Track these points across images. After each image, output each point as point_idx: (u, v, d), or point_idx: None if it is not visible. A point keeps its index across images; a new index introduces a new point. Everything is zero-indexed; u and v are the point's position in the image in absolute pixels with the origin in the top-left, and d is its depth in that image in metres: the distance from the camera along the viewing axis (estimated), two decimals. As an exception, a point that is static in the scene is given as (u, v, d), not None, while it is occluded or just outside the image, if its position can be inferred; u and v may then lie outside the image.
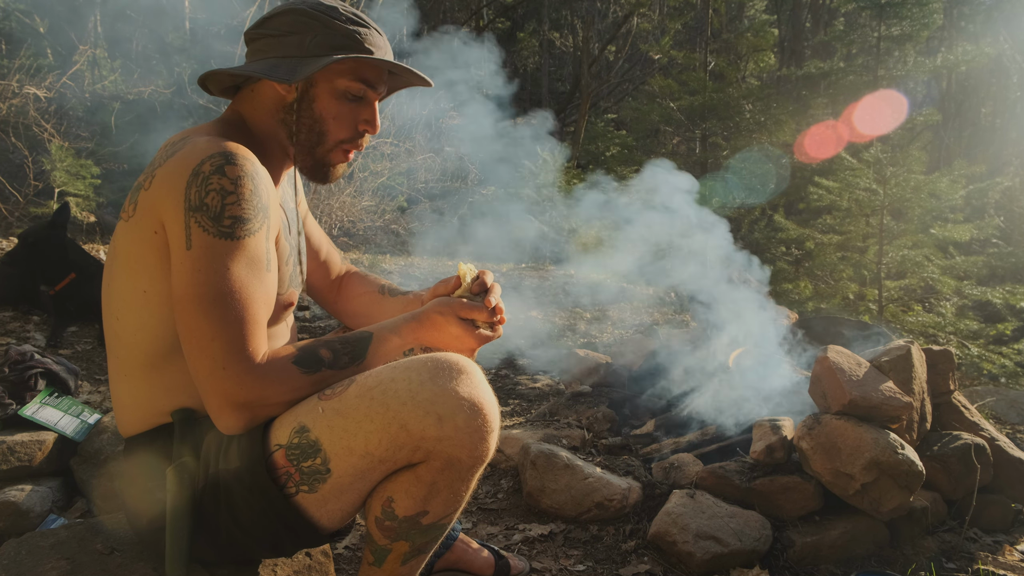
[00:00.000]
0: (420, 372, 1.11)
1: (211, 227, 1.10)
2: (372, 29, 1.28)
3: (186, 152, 1.13)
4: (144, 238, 1.15)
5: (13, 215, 5.19)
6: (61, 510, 2.04)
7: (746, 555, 1.83)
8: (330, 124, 1.27)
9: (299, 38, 1.23)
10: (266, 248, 1.16)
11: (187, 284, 1.10)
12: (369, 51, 1.25)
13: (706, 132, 8.89)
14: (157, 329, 1.18)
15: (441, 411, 1.08)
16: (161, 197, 1.12)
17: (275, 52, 1.24)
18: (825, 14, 13.68)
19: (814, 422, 2.01)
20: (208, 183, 1.10)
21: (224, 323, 1.09)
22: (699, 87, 8.70)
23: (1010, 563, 1.97)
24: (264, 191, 1.16)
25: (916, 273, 5.10)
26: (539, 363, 3.90)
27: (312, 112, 1.26)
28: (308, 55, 1.22)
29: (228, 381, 1.09)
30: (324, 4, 1.26)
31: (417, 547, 1.21)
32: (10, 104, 5.39)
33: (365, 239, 7.29)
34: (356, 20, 1.26)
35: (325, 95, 1.26)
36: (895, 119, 6.92)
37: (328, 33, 1.23)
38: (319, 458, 1.11)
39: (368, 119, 1.30)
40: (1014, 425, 3.20)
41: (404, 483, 1.13)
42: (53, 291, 3.38)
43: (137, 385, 1.23)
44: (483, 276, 1.35)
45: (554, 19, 18.45)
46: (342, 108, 1.27)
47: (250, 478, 1.14)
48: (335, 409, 1.11)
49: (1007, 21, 11.89)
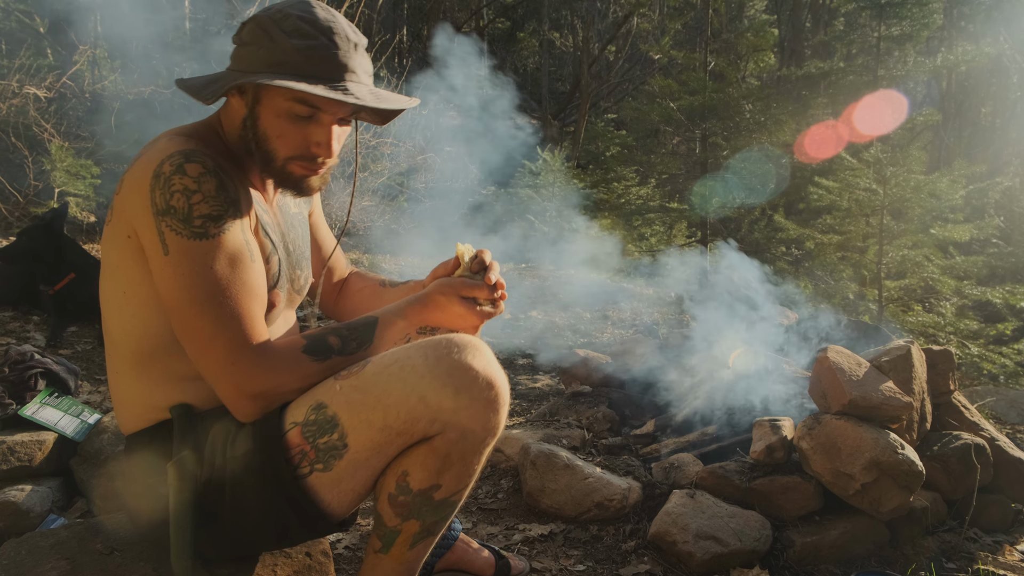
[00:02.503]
0: (436, 348, 1.14)
1: (183, 230, 1.10)
2: (333, 44, 1.15)
3: (148, 155, 1.13)
4: (119, 243, 1.16)
5: (13, 215, 5.19)
6: (61, 510, 2.04)
7: (746, 555, 1.83)
8: (275, 143, 1.20)
9: (251, 51, 1.17)
10: (245, 240, 1.16)
11: (173, 290, 1.11)
12: (315, 75, 1.14)
13: (706, 132, 8.88)
14: (139, 329, 1.19)
15: (458, 383, 1.11)
16: (130, 202, 1.13)
17: (236, 63, 1.20)
18: (825, 14, 13.68)
19: (814, 422, 2.01)
20: (171, 184, 1.09)
21: (221, 321, 1.11)
22: (699, 87, 8.69)
23: (1010, 563, 1.97)
24: (231, 185, 1.16)
25: (916, 273, 5.10)
26: (539, 363, 3.90)
27: (257, 130, 1.20)
28: (250, 71, 1.16)
29: (240, 374, 1.12)
30: (283, 12, 1.16)
31: (427, 526, 1.22)
32: (10, 104, 5.39)
33: (365, 239, 7.29)
34: (308, 33, 1.14)
35: (268, 113, 1.19)
36: (895, 119, 6.92)
37: (271, 49, 1.15)
38: (336, 433, 1.13)
39: (319, 142, 1.21)
40: (1014, 425, 3.20)
41: (419, 455, 1.15)
42: (53, 291, 3.38)
43: (130, 383, 1.24)
44: (481, 255, 1.37)
45: (554, 19, 18.44)
46: (286, 127, 1.19)
47: (261, 461, 1.15)
48: (353, 386, 1.14)
49: (1007, 21, 11.89)
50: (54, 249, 3.39)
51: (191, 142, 1.14)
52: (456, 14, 16.11)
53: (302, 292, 1.45)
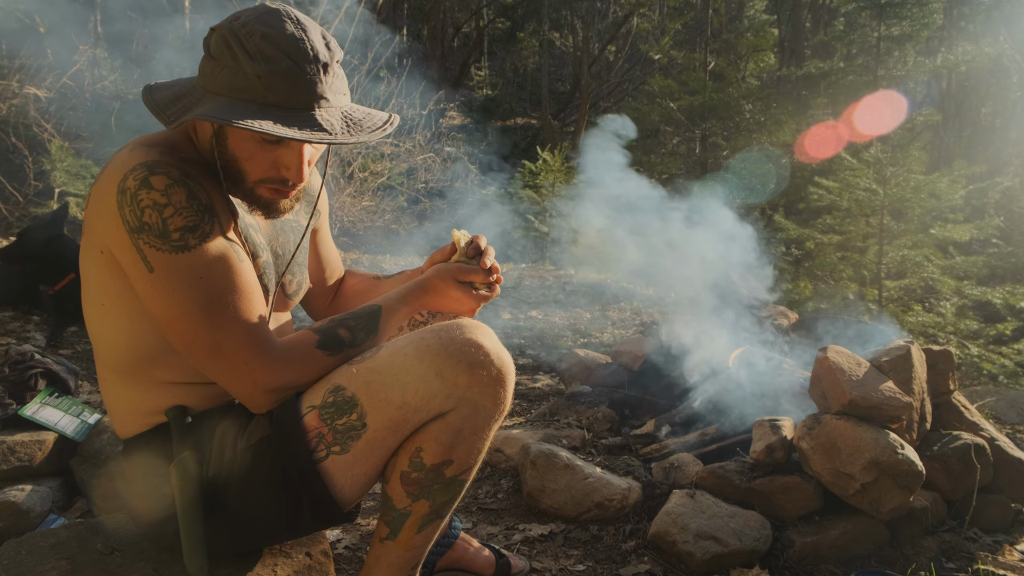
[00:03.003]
0: (448, 330, 1.18)
1: (162, 245, 1.07)
2: (300, 69, 1.07)
3: (110, 168, 1.10)
4: (93, 257, 1.15)
5: (13, 215, 5.19)
6: (61, 510, 2.04)
7: (746, 555, 1.83)
8: (244, 165, 1.15)
9: (215, 68, 1.09)
10: (229, 243, 1.15)
11: (166, 306, 1.09)
12: (275, 102, 1.07)
13: (706, 132, 8.89)
14: (121, 341, 1.19)
15: (471, 360, 1.16)
16: (99, 218, 1.10)
17: (202, 78, 1.12)
18: (825, 14, 13.67)
19: (814, 422, 2.01)
20: (138, 200, 1.06)
21: (223, 328, 1.10)
22: (699, 87, 8.70)
23: (1010, 563, 1.97)
24: (202, 191, 1.12)
25: (916, 273, 5.10)
26: (539, 363, 3.90)
27: (226, 150, 1.15)
28: (210, 90, 1.10)
29: (257, 373, 1.13)
30: (248, 28, 1.08)
31: (436, 507, 1.24)
32: (10, 104, 5.39)
33: (365, 239, 7.29)
34: (271, 56, 1.06)
35: (235, 136, 1.13)
36: (895, 119, 6.92)
37: (233, 71, 1.07)
38: (355, 413, 1.15)
39: (287, 165, 1.16)
40: (1014, 425, 3.20)
41: (433, 431, 1.18)
42: (53, 291, 3.39)
43: (119, 392, 1.24)
44: (477, 240, 1.39)
45: (554, 19, 18.44)
46: (255, 150, 1.14)
47: (278, 446, 1.16)
48: (370, 368, 1.17)
49: (1007, 21, 11.88)
50: (54, 249, 3.39)
51: (154, 152, 1.10)
52: (456, 14, 16.12)
53: (295, 297, 1.45)
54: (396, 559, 1.27)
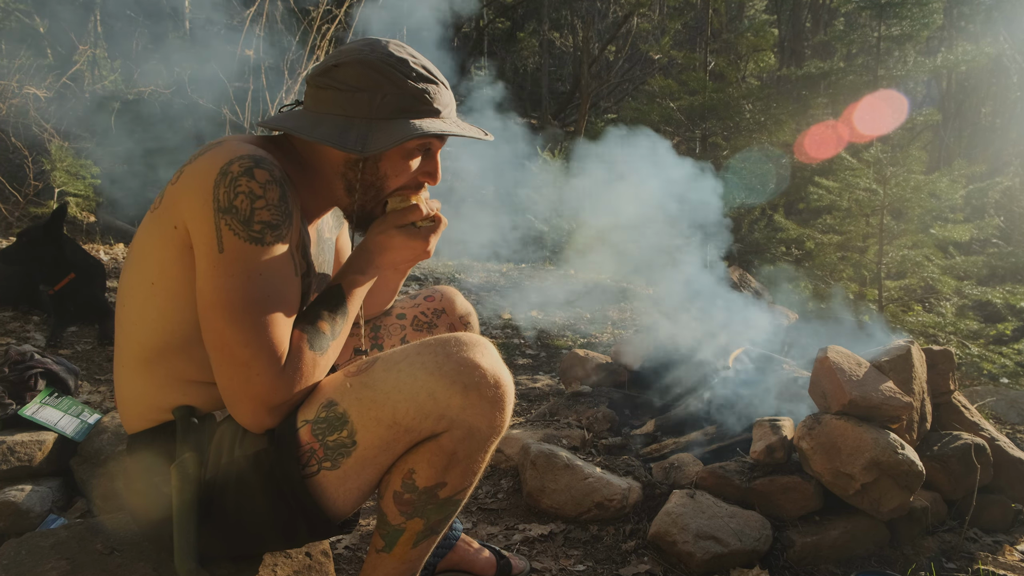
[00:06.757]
0: (444, 346, 1.16)
1: (242, 231, 1.10)
2: (440, 84, 1.24)
3: (216, 152, 1.14)
4: (163, 232, 1.15)
5: (13, 215, 5.19)
6: (61, 510, 2.04)
7: (746, 555, 1.83)
8: (391, 180, 1.26)
9: (368, 96, 1.19)
10: (291, 254, 1.17)
11: (218, 289, 1.10)
12: (438, 111, 1.23)
13: (706, 132, 8.89)
14: (156, 323, 1.18)
15: (466, 381, 1.13)
16: (186, 194, 1.12)
17: (342, 109, 1.20)
18: (825, 14, 13.67)
19: (814, 422, 2.01)
20: (237, 184, 1.10)
21: (255, 330, 1.10)
22: (699, 87, 8.71)
23: (1010, 563, 1.97)
24: (292, 198, 1.16)
25: (916, 273, 5.10)
26: (539, 363, 3.90)
27: (377, 170, 1.25)
28: (376, 117, 1.19)
29: (261, 387, 1.11)
30: (394, 56, 1.20)
31: (431, 525, 1.23)
32: (10, 104, 5.39)
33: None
34: (425, 76, 1.22)
35: (395, 155, 1.24)
36: (895, 119, 6.92)
37: (398, 94, 1.19)
38: (346, 430, 1.14)
39: (430, 171, 1.29)
40: (1014, 425, 3.20)
41: (426, 453, 1.16)
42: (53, 291, 3.38)
43: (136, 381, 1.23)
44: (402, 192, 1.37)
45: (554, 19, 18.43)
46: (404, 165, 1.25)
47: (272, 459, 1.15)
48: (363, 383, 1.15)
49: (1007, 21, 11.88)
50: (54, 249, 3.39)
51: (261, 150, 1.15)
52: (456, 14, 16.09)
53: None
54: (392, 571, 1.26)
